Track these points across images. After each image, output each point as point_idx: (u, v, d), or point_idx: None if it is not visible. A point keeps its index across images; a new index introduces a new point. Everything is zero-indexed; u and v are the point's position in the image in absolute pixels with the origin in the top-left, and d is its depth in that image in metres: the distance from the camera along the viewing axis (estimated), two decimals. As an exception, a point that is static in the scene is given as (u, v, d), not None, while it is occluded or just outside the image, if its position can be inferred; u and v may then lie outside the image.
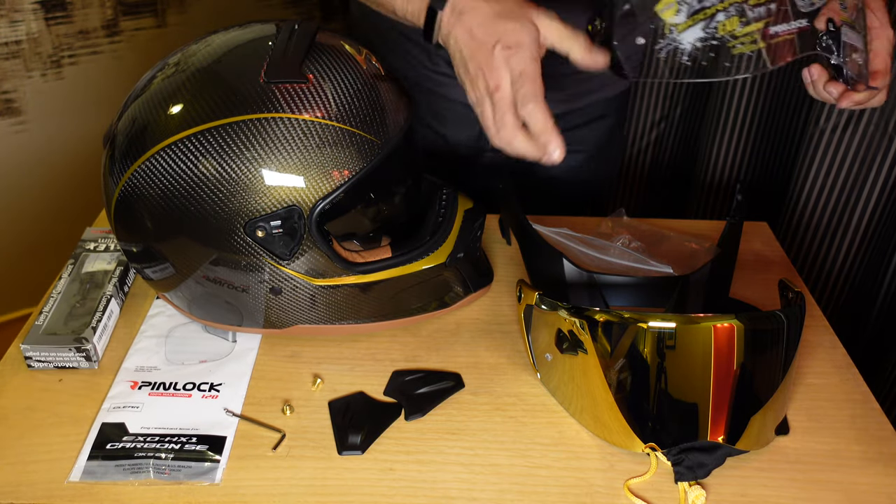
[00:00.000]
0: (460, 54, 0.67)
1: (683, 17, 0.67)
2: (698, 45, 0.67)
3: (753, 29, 0.66)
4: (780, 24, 0.67)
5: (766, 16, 0.66)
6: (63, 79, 1.73)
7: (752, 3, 0.66)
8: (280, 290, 0.71)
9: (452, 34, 0.67)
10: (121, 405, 0.70)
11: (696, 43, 0.67)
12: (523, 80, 0.64)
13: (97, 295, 0.79)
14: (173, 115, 0.66)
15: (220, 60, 0.68)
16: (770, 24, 0.66)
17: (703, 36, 0.67)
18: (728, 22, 0.66)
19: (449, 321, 0.82)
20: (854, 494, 0.64)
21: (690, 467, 0.64)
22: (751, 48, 0.67)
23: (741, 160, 1.39)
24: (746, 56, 0.68)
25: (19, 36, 1.64)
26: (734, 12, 0.66)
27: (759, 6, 0.66)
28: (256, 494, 0.63)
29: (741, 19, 0.66)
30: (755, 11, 0.66)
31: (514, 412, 0.71)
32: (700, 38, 0.67)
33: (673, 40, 0.68)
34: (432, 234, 0.78)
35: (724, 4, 0.66)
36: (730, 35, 0.67)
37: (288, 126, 0.65)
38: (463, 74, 0.68)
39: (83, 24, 1.71)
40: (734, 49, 0.67)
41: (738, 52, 0.67)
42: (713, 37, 0.67)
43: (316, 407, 0.71)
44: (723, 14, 0.66)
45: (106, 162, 0.71)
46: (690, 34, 0.67)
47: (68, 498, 0.62)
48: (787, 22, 0.67)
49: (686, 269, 0.86)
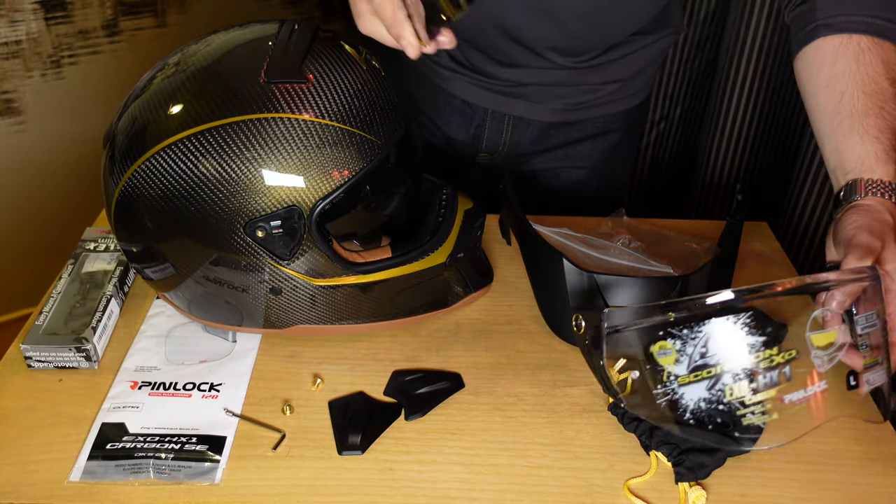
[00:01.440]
0: None
1: (684, 369, 0.59)
2: (702, 405, 0.59)
3: (765, 398, 0.58)
4: (797, 391, 0.57)
5: (779, 382, 0.58)
6: (63, 79, 1.73)
7: (763, 365, 0.57)
8: (280, 290, 0.71)
9: None
10: (121, 405, 0.70)
11: (701, 404, 0.59)
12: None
13: (97, 295, 0.79)
14: (173, 115, 0.66)
15: (220, 60, 0.68)
16: (784, 392, 0.57)
17: (707, 397, 0.59)
18: (736, 387, 0.58)
19: (449, 321, 0.82)
20: (854, 494, 0.64)
21: (691, 468, 0.64)
22: (761, 419, 0.58)
23: (741, 160, 1.39)
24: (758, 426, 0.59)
25: (19, 36, 1.64)
26: (742, 376, 0.58)
27: (771, 370, 0.57)
28: (256, 494, 0.63)
29: (751, 384, 0.58)
30: (767, 376, 0.57)
31: (514, 412, 0.71)
32: (705, 398, 0.59)
33: (674, 390, 0.60)
34: (432, 234, 0.78)
35: (728, 366, 0.58)
36: (738, 402, 0.58)
37: (288, 126, 0.65)
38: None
39: (83, 24, 1.71)
40: (744, 419, 0.58)
41: (748, 423, 0.58)
42: (720, 401, 0.59)
43: (316, 407, 0.71)
44: (729, 377, 0.58)
45: (106, 162, 0.71)
46: (694, 391, 0.59)
47: (68, 498, 0.62)
48: (804, 388, 0.58)
49: (686, 269, 0.86)
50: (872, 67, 0.75)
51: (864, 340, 0.60)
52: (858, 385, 0.60)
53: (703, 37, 1.40)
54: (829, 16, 0.78)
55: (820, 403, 0.59)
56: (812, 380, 0.58)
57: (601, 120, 1.03)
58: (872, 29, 0.76)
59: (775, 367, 0.58)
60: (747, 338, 0.58)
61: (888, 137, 0.73)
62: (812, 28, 0.79)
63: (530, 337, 0.80)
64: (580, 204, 1.08)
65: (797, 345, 0.58)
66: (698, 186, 1.47)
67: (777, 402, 0.58)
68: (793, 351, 0.58)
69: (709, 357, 0.58)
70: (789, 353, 0.58)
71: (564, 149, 1.04)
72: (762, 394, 0.58)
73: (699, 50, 1.41)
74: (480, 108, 1.01)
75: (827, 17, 0.79)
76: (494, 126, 1.02)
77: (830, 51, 0.78)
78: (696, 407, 0.60)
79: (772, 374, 0.58)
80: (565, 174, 1.07)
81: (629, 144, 1.13)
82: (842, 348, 0.60)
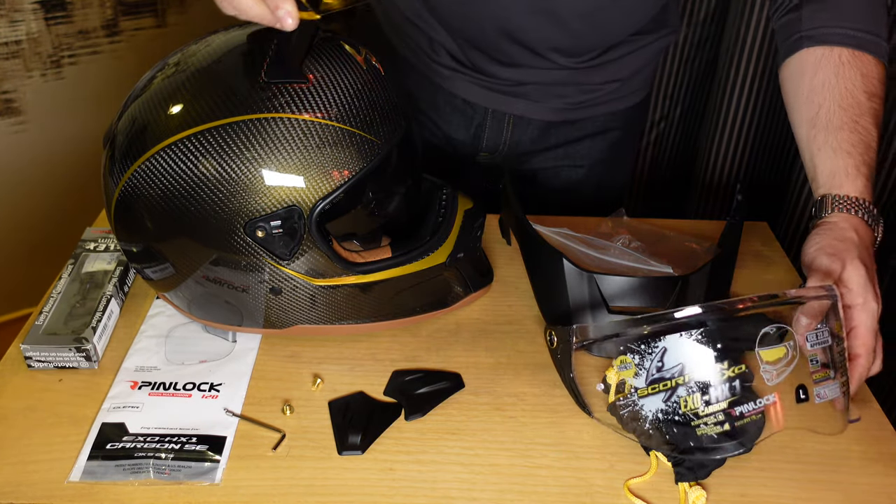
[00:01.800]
0: None
1: (643, 382, 0.63)
2: (660, 416, 0.63)
3: (717, 409, 0.62)
4: (747, 403, 0.61)
5: (730, 394, 0.61)
6: (63, 79, 1.73)
7: (715, 378, 0.62)
8: (280, 290, 0.71)
9: None
10: (121, 405, 0.70)
11: (658, 415, 0.63)
12: None
13: (97, 295, 0.79)
14: (173, 115, 0.66)
15: (220, 60, 0.68)
16: (736, 404, 0.61)
17: (664, 408, 0.63)
18: (690, 399, 0.62)
19: (449, 321, 0.82)
20: (854, 494, 0.64)
21: (691, 468, 0.64)
22: (714, 430, 0.62)
23: (741, 160, 1.39)
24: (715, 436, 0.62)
25: (19, 36, 1.64)
26: (696, 388, 0.62)
27: (722, 383, 0.61)
28: (256, 494, 0.63)
29: (704, 397, 0.62)
30: (719, 389, 0.61)
31: (514, 412, 0.71)
32: (662, 409, 0.63)
33: (634, 402, 0.64)
34: (432, 234, 0.78)
35: (683, 378, 0.62)
36: (692, 413, 0.62)
37: (288, 126, 0.65)
38: None
39: (83, 24, 1.71)
40: (699, 429, 0.62)
41: (702, 433, 0.62)
42: (676, 412, 0.62)
43: (316, 407, 0.71)
44: (684, 389, 0.62)
45: (106, 162, 0.71)
46: (652, 403, 0.63)
47: (68, 498, 0.62)
48: (755, 401, 0.61)
49: (686, 269, 0.86)
50: (851, 81, 0.76)
51: (814, 356, 0.63)
52: (808, 398, 0.63)
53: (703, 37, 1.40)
54: (812, 27, 0.80)
55: (775, 415, 0.63)
56: (762, 393, 0.62)
57: (601, 118, 1.03)
58: (854, 42, 0.77)
59: (726, 381, 0.62)
60: (700, 352, 0.62)
61: (860, 152, 0.74)
62: (796, 39, 0.80)
63: (530, 337, 0.80)
64: (580, 203, 1.08)
65: (748, 359, 0.62)
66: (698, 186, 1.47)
67: (730, 414, 0.62)
68: (742, 366, 0.62)
69: (664, 371, 0.62)
70: (739, 368, 0.62)
71: (564, 147, 1.05)
72: (714, 406, 0.62)
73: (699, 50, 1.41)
74: (481, 108, 1.01)
75: (811, 28, 0.80)
76: (495, 125, 1.02)
77: (812, 62, 0.79)
78: (654, 417, 0.64)
79: (723, 387, 0.62)
80: (565, 173, 1.07)
81: (628, 143, 1.13)
82: (790, 363, 0.62)
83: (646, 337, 0.63)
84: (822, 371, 0.63)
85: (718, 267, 0.82)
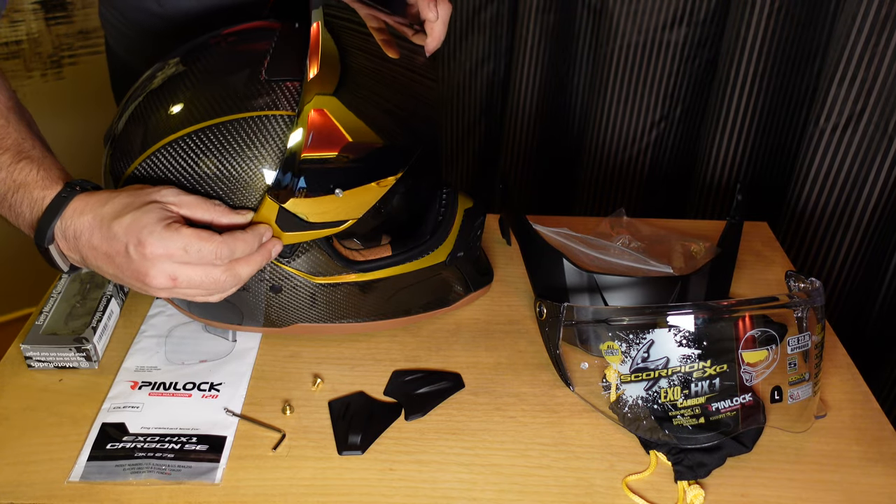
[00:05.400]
0: (108, 273, 0.62)
1: (627, 369, 0.66)
2: (640, 403, 0.66)
3: (695, 403, 0.65)
4: (724, 400, 0.64)
5: (709, 391, 0.64)
6: (63, 79, 1.73)
7: (696, 375, 0.64)
8: (280, 288, 0.71)
9: (84, 260, 0.62)
10: (121, 405, 0.70)
11: (639, 401, 0.66)
12: (187, 251, 0.59)
13: (97, 295, 0.79)
14: (174, 113, 0.66)
15: (221, 58, 0.68)
16: (713, 400, 0.64)
17: (644, 396, 0.66)
18: (671, 391, 0.65)
19: (449, 321, 0.82)
20: (854, 494, 0.64)
21: (690, 466, 0.64)
22: (690, 422, 0.65)
23: (741, 160, 1.38)
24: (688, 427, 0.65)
25: (19, 36, 1.64)
26: (677, 382, 0.65)
27: (703, 380, 0.64)
28: (256, 494, 0.63)
29: (683, 391, 0.65)
30: (699, 385, 0.64)
31: (514, 412, 0.71)
32: (643, 397, 0.66)
33: (618, 386, 0.67)
34: (432, 233, 0.78)
35: (666, 371, 0.64)
36: (671, 405, 0.65)
37: (289, 124, 0.65)
38: (136, 287, 0.62)
39: (83, 24, 1.70)
40: (675, 420, 0.65)
41: (678, 424, 0.65)
42: (655, 401, 0.65)
43: (316, 407, 0.71)
44: (665, 381, 0.65)
45: (106, 161, 0.71)
46: (633, 389, 0.66)
47: (68, 498, 0.62)
48: (731, 399, 0.64)
49: (686, 269, 0.86)
50: None
51: (793, 359, 0.65)
52: (782, 399, 0.66)
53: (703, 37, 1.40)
54: None
55: (749, 412, 0.65)
56: (739, 391, 0.65)
57: None
58: None
59: (707, 378, 0.65)
60: (684, 350, 0.65)
61: None
62: None
63: (530, 337, 0.80)
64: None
65: (730, 360, 0.65)
66: (698, 186, 1.46)
67: (707, 409, 0.65)
68: (724, 365, 0.65)
69: (649, 362, 0.65)
70: (720, 367, 0.65)
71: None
72: (692, 400, 0.65)
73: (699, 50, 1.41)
74: None
75: None
76: None
77: None
78: (634, 403, 0.67)
79: (703, 383, 0.65)
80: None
81: None
82: (770, 366, 0.65)
83: (635, 328, 0.65)
84: (799, 373, 0.66)
85: (718, 267, 0.82)
